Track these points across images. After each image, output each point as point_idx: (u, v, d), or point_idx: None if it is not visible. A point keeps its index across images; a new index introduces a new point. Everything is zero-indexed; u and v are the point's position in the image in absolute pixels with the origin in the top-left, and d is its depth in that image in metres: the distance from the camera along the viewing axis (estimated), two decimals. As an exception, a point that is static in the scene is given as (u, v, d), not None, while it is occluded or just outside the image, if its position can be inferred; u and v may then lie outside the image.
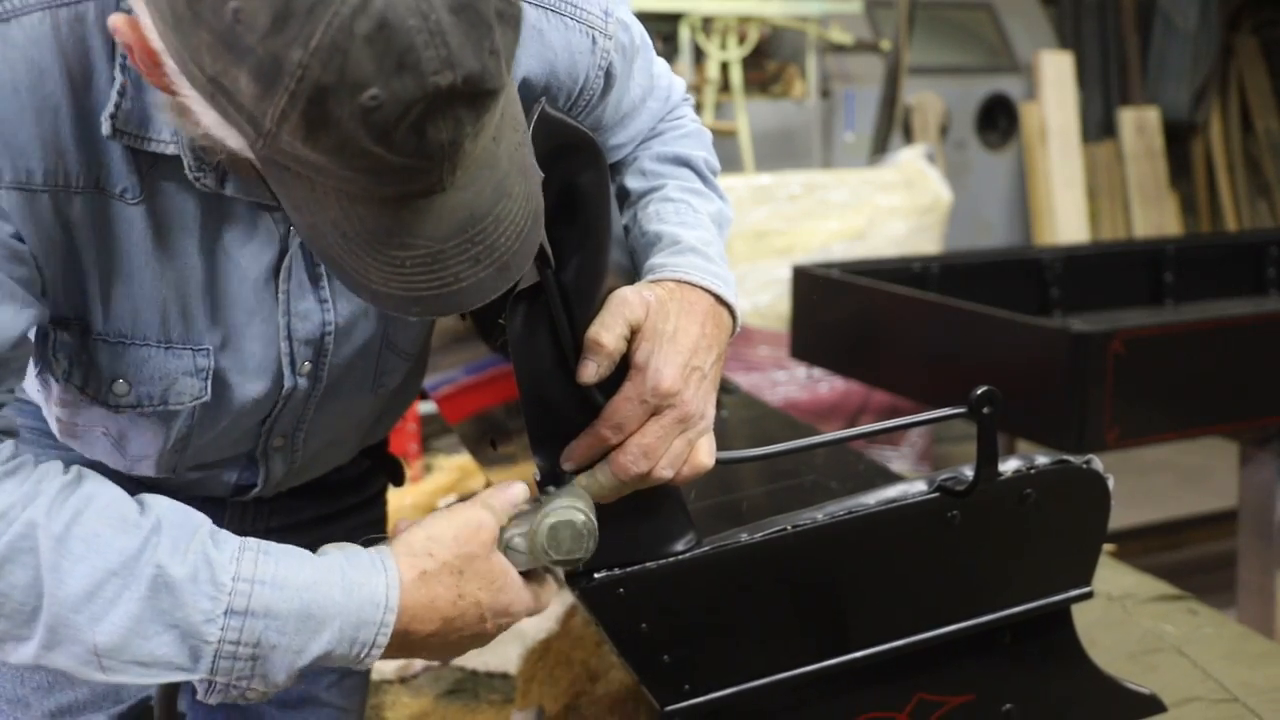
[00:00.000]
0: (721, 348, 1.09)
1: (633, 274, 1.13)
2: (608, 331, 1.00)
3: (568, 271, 1.00)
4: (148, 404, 1.03)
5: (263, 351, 1.06)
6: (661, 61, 1.25)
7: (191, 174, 0.94)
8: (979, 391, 1.09)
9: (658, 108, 1.23)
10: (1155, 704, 1.28)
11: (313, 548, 1.36)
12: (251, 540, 0.94)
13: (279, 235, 1.02)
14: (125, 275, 0.97)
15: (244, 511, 1.28)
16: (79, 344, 1.00)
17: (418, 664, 2.26)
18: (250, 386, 1.07)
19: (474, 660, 2.26)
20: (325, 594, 0.92)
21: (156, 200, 0.96)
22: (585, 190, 1.02)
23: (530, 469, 1.05)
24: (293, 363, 1.07)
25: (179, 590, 0.89)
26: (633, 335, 1.02)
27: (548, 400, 1.02)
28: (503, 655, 2.24)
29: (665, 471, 1.02)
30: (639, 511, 1.06)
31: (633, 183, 1.21)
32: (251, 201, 0.98)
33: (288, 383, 1.08)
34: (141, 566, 0.89)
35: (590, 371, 1.00)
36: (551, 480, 1.04)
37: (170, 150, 0.93)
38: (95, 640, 0.88)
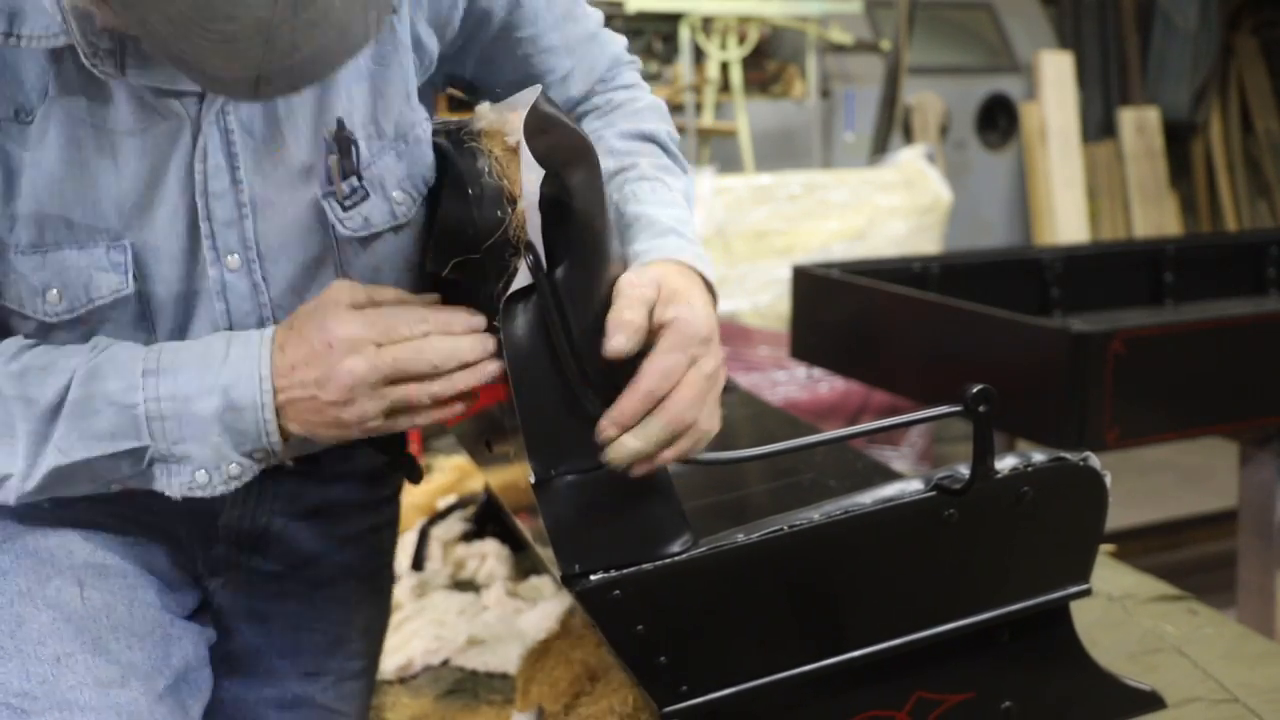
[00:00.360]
0: (715, 321, 1.11)
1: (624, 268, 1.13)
2: (630, 310, 1.01)
3: (562, 272, 1.00)
4: (79, 307, 1.06)
5: (183, 239, 1.07)
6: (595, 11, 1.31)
7: (89, 61, 0.95)
8: (974, 389, 1.09)
9: (593, 31, 1.28)
10: (1155, 700, 1.28)
11: (318, 539, 1.34)
12: None
13: (189, 118, 1.03)
14: (30, 192, 1.01)
15: (244, 497, 1.27)
16: (2, 266, 1.04)
17: (417, 664, 2.25)
18: (173, 277, 1.08)
19: (474, 661, 2.25)
20: (215, 342, 1.05)
21: (56, 109, 0.99)
22: (578, 190, 1.02)
23: (527, 468, 1.05)
24: (215, 247, 1.08)
25: (106, 371, 1.03)
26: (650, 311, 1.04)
27: (542, 402, 1.02)
28: (503, 655, 2.23)
29: (709, 424, 1.04)
30: (634, 512, 1.06)
31: (603, 163, 1.22)
32: (155, 88, 0.99)
33: (212, 271, 1.09)
34: (83, 367, 1.03)
35: (620, 343, 1.00)
36: (546, 482, 1.04)
37: (60, 41, 0.95)
38: (58, 439, 1.02)
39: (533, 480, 1.03)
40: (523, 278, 1.00)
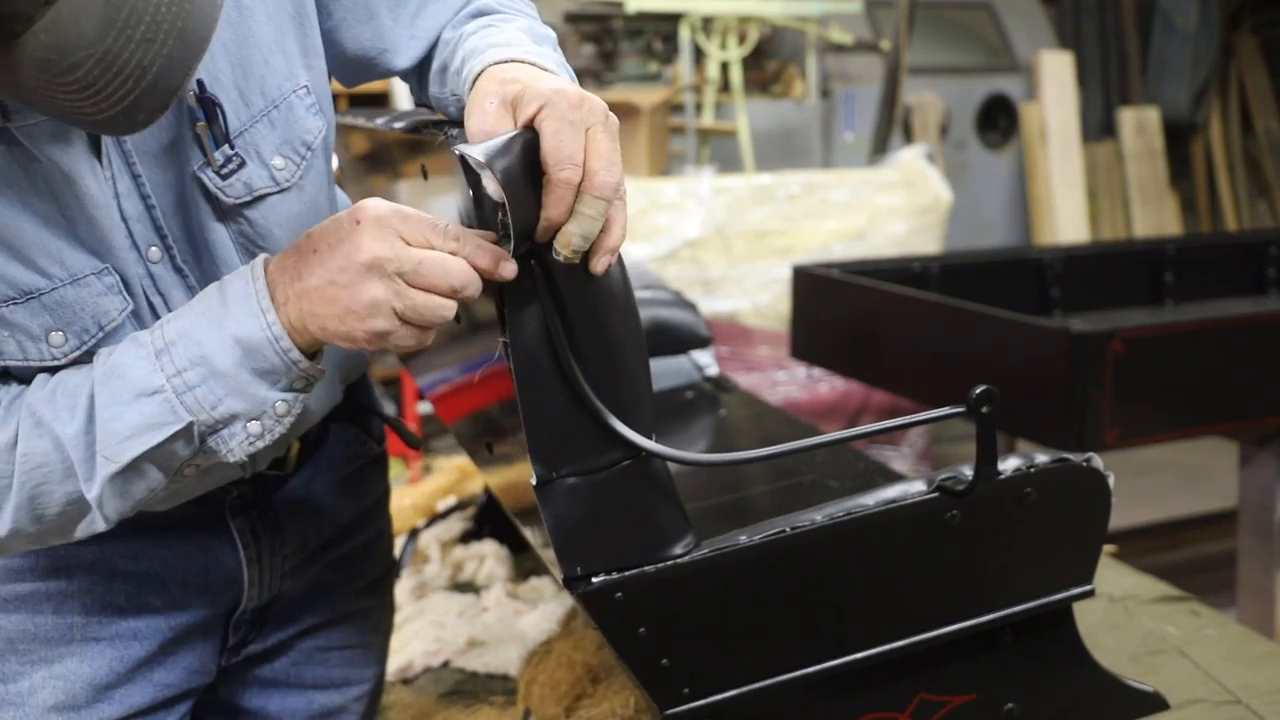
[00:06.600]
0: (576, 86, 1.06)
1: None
2: (479, 111, 0.98)
3: (563, 274, 1.00)
4: (89, 339, 1.04)
5: (120, 246, 1.05)
6: None
7: None
8: (977, 391, 1.09)
9: None
10: (1158, 701, 1.28)
11: (329, 579, 1.33)
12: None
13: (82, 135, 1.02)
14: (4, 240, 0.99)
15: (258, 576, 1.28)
16: None
17: (417, 665, 2.25)
18: (148, 286, 1.07)
19: (474, 662, 2.25)
20: (210, 294, 1.02)
21: None
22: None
23: (528, 469, 1.05)
24: (135, 245, 1.06)
25: (116, 372, 1.00)
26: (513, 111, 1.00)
27: (544, 404, 1.02)
28: (504, 656, 2.23)
29: (610, 177, 0.97)
30: (636, 514, 1.06)
31: (436, 61, 1.20)
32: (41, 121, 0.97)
33: (138, 269, 1.06)
34: (91, 378, 1.01)
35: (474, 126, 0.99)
36: (547, 484, 1.03)
37: None
38: (102, 447, 0.99)
39: (534, 482, 1.03)
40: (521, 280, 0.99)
